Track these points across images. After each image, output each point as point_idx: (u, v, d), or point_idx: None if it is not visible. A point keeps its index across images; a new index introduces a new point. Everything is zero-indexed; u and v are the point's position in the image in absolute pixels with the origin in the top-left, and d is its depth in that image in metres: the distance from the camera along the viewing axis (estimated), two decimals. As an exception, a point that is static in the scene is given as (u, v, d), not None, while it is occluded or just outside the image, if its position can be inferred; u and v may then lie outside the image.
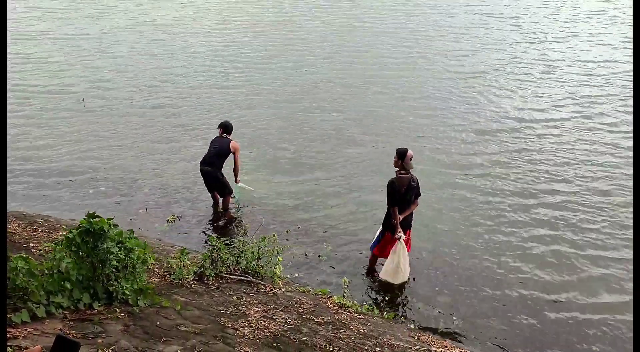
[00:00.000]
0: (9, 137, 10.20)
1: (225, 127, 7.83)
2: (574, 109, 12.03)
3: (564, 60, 15.58)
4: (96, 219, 3.77)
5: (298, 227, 7.56)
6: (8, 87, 12.51)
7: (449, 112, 11.82)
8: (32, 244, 5.19)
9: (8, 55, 13.40)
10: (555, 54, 16.18)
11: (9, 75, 13.11)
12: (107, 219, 3.84)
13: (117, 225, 3.93)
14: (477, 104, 12.26)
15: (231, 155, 7.72)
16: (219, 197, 8.03)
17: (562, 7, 22.87)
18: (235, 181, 7.96)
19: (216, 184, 7.80)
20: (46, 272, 3.68)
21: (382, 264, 6.51)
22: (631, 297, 6.08)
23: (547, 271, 6.66)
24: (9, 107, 11.67)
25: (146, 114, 11.67)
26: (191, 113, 11.75)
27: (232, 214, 7.98)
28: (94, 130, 10.84)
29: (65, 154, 9.79)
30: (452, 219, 7.80)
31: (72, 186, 8.68)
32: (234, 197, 8.11)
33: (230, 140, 7.75)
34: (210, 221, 7.85)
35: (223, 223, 7.82)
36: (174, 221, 7.43)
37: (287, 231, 7.31)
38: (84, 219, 3.77)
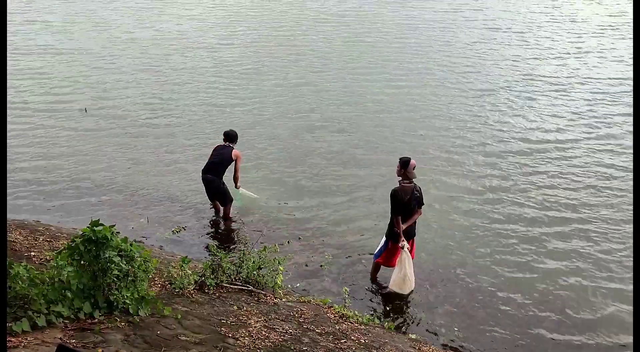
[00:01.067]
0: (10, 146, 10.24)
1: (229, 136, 7.84)
2: (586, 129, 11.51)
3: (575, 77, 15.00)
4: (99, 227, 3.77)
5: (299, 239, 7.55)
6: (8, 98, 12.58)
7: (458, 132, 11.36)
8: (33, 253, 5.19)
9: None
10: (566, 71, 15.53)
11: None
12: (110, 226, 3.84)
13: (119, 232, 3.93)
14: (486, 124, 11.84)
15: (233, 163, 7.75)
16: (220, 206, 8.03)
17: (572, 21, 22.01)
18: (235, 186, 7.95)
19: (217, 192, 7.81)
20: (47, 280, 3.67)
21: (384, 274, 6.51)
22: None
23: (551, 285, 6.59)
24: (10, 117, 11.73)
25: (147, 128, 11.54)
26: (194, 127, 11.52)
27: (233, 224, 7.97)
28: (95, 141, 10.82)
29: (66, 164, 9.80)
30: (456, 232, 7.75)
31: (73, 195, 8.68)
32: (237, 203, 8.12)
33: (232, 148, 7.77)
34: (211, 230, 7.85)
35: (224, 232, 7.82)
36: (179, 231, 7.45)
37: (288, 242, 7.31)
38: (87, 227, 3.77)
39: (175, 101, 13.09)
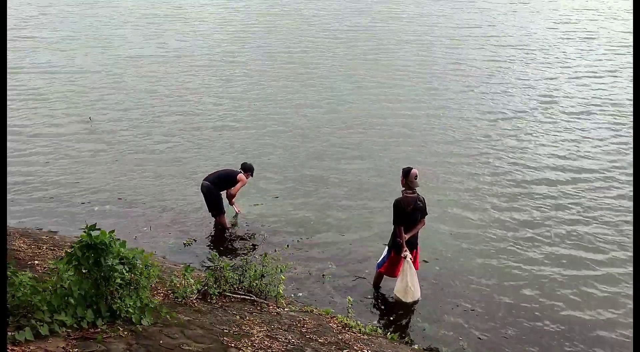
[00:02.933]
0: (13, 155, 10.29)
1: (244, 165, 8.11)
2: (611, 158, 10.61)
3: (599, 97, 13.96)
4: (96, 233, 3.74)
5: (298, 241, 7.56)
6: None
7: (477, 160, 10.51)
8: (36, 262, 5.21)
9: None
10: (589, 92, 14.35)
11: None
12: (110, 232, 3.82)
13: (119, 239, 3.91)
14: (505, 150, 10.93)
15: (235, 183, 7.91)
16: (215, 216, 8.04)
17: (596, 38, 20.41)
18: (230, 203, 8.13)
19: (210, 199, 7.84)
20: (50, 288, 3.67)
21: (387, 284, 6.49)
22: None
23: (559, 298, 6.53)
24: (13, 123, 11.80)
25: (153, 142, 11.41)
26: (200, 154, 10.90)
27: (235, 234, 7.99)
28: (99, 151, 10.85)
29: (70, 173, 9.83)
30: (462, 242, 7.72)
31: (76, 204, 8.70)
32: (234, 215, 8.21)
33: (240, 172, 7.96)
34: (213, 239, 7.85)
35: (226, 242, 7.81)
36: (190, 243, 7.42)
37: (287, 246, 7.29)
38: (84, 232, 3.75)
39: (183, 117, 12.95)
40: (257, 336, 4.39)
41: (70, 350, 3.35)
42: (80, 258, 3.69)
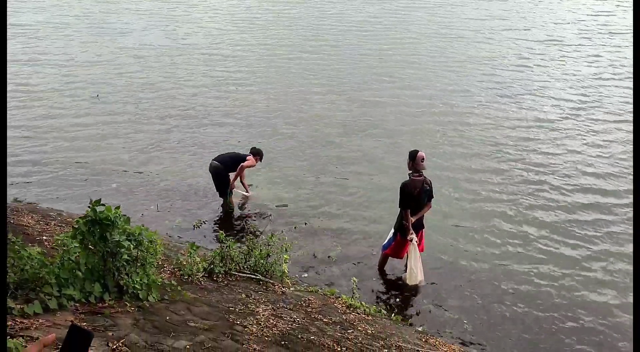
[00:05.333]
0: (22, 134, 10.33)
1: (254, 149, 8.15)
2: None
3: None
4: (101, 208, 3.74)
5: (305, 224, 7.58)
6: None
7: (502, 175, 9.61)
8: (44, 237, 5.24)
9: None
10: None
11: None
12: (115, 208, 3.82)
13: (124, 215, 3.92)
14: (536, 165, 9.87)
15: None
16: (220, 196, 8.07)
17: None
18: (231, 184, 8.02)
19: (218, 179, 7.87)
20: (58, 262, 3.70)
21: (392, 265, 6.52)
22: None
23: (564, 285, 6.53)
24: (20, 105, 11.82)
25: (161, 122, 11.40)
26: (208, 135, 10.81)
27: (241, 214, 8.02)
28: (105, 129, 10.87)
29: (77, 151, 9.87)
30: (468, 229, 7.71)
31: (84, 182, 8.74)
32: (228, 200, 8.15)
33: (249, 155, 8.00)
34: (220, 219, 7.88)
35: (232, 222, 7.85)
36: (199, 225, 7.45)
37: (295, 227, 7.30)
38: (89, 207, 3.74)
39: (195, 97, 12.97)
40: (263, 315, 4.42)
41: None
42: (86, 233, 3.70)
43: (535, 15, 22.84)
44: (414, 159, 5.89)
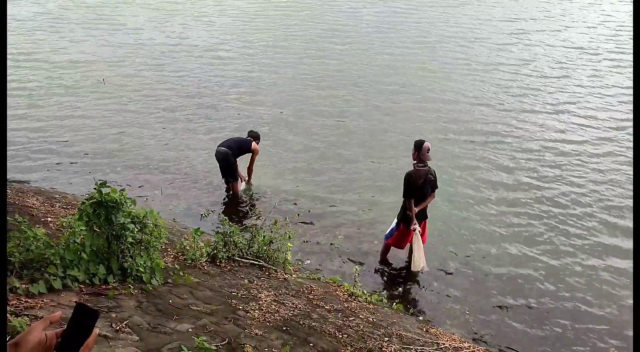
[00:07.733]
0: (27, 115, 10.34)
1: (251, 133, 8.19)
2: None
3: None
4: (107, 190, 3.76)
5: (309, 211, 7.61)
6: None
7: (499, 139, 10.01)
8: (49, 219, 5.27)
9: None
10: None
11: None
12: (120, 191, 3.84)
13: (130, 198, 3.93)
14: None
15: (249, 155, 8.02)
16: (229, 182, 8.09)
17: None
18: (248, 180, 8.29)
19: (226, 165, 7.86)
20: (63, 243, 3.72)
21: (395, 255, 6.53)
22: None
23: (568, 282, 6.50)
24: (30, 86, 11.82)
25: (167, 109, 11.37)
26: (212, 122, 10.72)
27: (246, 201, 8.03)
28: (112, 116, 10.86)
29: (84, 135, 9.89)
30: (473, 221, 7.69)
31: (89, 166, 8.77)
32: (244, 190, 8.23)
33: (252, 141, 8.00)
34: (224, 205, 7.90)
35: (237, 208, 7.86)
36: (207, 215, 7.45)
37: (298, 215, 7.32)
38: (95, 189, 3.76)
39: (205, 83, 13.00)
40: (265, 300, 4.45)
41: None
42: (91, 215, 3.72)
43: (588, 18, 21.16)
44: (419, 149, 5.86)
